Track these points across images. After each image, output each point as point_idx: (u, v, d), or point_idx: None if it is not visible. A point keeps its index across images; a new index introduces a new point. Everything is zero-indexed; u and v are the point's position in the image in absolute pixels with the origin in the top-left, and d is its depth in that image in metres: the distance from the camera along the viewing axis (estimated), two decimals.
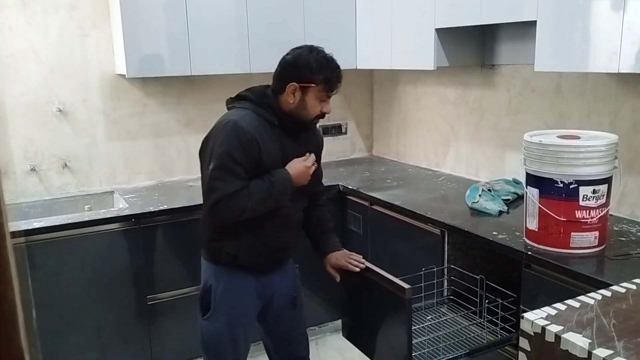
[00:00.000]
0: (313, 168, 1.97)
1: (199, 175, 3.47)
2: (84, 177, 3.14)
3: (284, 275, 2.12)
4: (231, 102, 2.01)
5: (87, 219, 2.64)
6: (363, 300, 2.16)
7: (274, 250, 2.02)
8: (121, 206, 2.88)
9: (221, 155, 1.82)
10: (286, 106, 1.92)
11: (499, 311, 2.10)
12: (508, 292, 2.11)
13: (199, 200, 2.87)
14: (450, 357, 2.00)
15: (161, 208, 2.76)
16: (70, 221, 2.58)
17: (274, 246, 2.01)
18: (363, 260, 2.09)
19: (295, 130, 1.97)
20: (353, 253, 2.13)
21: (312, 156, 1.98)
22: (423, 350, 2.03)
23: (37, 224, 2.52)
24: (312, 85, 1.88)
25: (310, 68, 1.88)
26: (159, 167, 3.33)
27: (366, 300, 2.13)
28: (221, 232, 1.95)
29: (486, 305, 2.13)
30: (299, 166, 1.93)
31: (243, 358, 2.11)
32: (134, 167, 3.26)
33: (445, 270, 2.43)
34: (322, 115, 1.96)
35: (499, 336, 2.10)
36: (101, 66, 3.09)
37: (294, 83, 1.88)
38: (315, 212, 2.18)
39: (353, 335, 2.27)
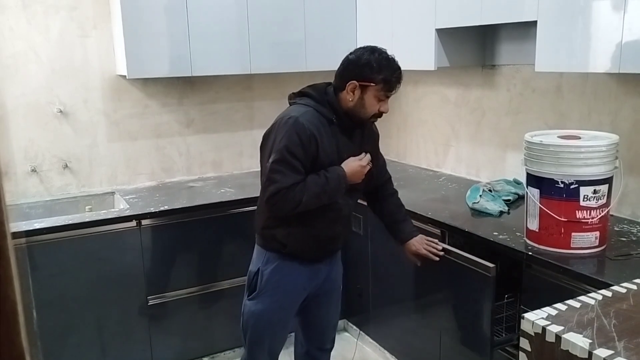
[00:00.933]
0: (367, 167, 2.04)
1: (200, 176, 3.51)
2: (84, 177, 3.14)
3: (332, 266, 2.21)
4: (293, 98, 2.08)
5: (87, 219, 2.64)
6: (441, 281, 2.27)
7: (323, 242, 2.10)
8: (122, 207, 2.88)
9: (281, 150, 1.90)
10: (345, 104, 1.98)
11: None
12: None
13: (199, 200, 2.90)
14: None
15: (162, 209, 2.77)
16: (71, 222, 2.58)
17: (322, 238, 2.09)
18: (441, 246, 2.20)
19: (351, 128, 2.04)
20: (430, 238, 2.25)
21: (368, 156, 2.06)
22: None
23: (38, 224, 2.52)
24: (372, 84, 1.94)
25: (371, 67, 1.93)
26: (159, 167, 3.33)
27: (446, 282, 2.24)
28: (274, 221, 2.03)
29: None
30: (354, 165, 2.00)
31: (279, 345, 2.20)
32: (135, 167, 3.27)
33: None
34: (379, 114, 2.02)
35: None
36: (102, 67, 3.09)
37: (354, 81, 1.95)
38: (386, 202, 2.30)
39: None
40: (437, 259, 2.17)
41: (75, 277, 2.58)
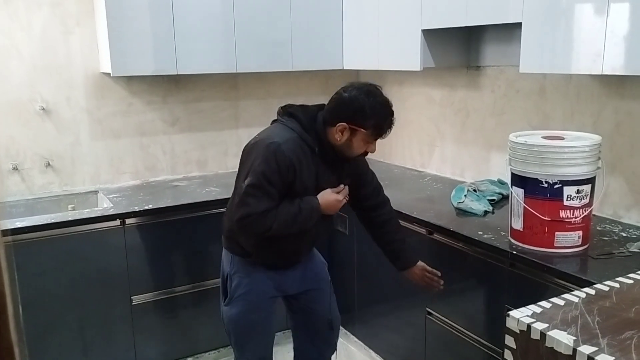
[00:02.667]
0: (344, 201, 2.02)
1: (184, 175, 3.49)
2: (67, 176, 3.10)
3: (306, 266, 2.20)
4: (282, 115, 2.03)
5: (70, 218, 2.60)
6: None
7: (287, 254, 2.11)
8: (105, 206, 2.85)
9: (258, 175, 1.88)
10: (332, 140, 1.95)
11: None
12: None
13: (184, 200, 2.88)
14: None
15: (146, 208, 2.74)
16: (53, 221, 2.55)
17: (286, 251, 2.09)
18: (441, 281, 2.20)
19: (334, 160, 2.00)
20: (430, 270, 2.22)
21: (345, 189, 2.03)
22: None
23: (19, 223, 2.48)
24: (362, 130, 1.90)
25: (363, 113, 1.88)
26: (143, 166, 3.30)
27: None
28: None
29: None
30: (330, 198, 1.99)
31: (266, 344, 2.20)
32: (119, 166, 3.23)
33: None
34: (365, 153, 2.00)
35: None
36: (85, 64, 3.06)
37: (345, 124, 1.90)
38: (382, 229, 2.23)
39: None
40: (437, 289, 2.21)
41: (58, 276, 2.54)
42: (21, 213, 2.84)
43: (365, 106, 1.88)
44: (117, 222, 2.65)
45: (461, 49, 2.96)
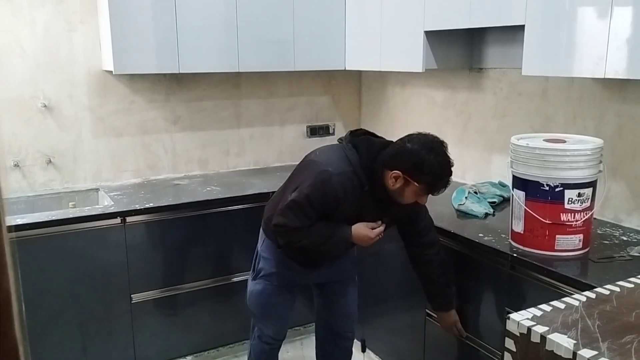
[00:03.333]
0: (376, 238, 2.05)
1: (185, 173, 3.49)
2: (68, 173, 3.10)
3: (328, 268, 2.28)
4: (347, 141, 2.05)
5: (71, 216, 2.60)
6: None
7: (313, 260, 2.22)
8: (106, 203, 2.85)
9: (303, 196, 1.96)
10: (385, 183, 1.96)
11: None
12: None
13: (185, 198, 2.88)
14: None
15: (147, 206, 2.74)
16: (54, 218, 2.54)
17: (313, 258, 2.20)
18: (463, 335, 2.26)
19: (382, 199, 2.01)
20: (457, 323, 2.26)
21: (381, 228, 2.06)
22: None
23: (20, 220, 2.48)
24: (416, 184, 1.91)
25: (420, 169, 1.89)
26: (145, 165, 3.31)
27: None
28: None
29: None
30: (362, 232, 2.03)
31: (281, 324, 2.32)
32: (120, 164, 3.23)
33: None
34: (415, 204, 2.00)
35: None
36: (88, 62, 3.06)
37: (400, 173, 1.91)
38: (425, 266, 2.24)
39: None
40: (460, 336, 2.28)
41: (58, 274, 2.54)
42: (22, 210, 2.84)
43: (425, 162, 1.88)
44: (118, 220, 2.65)
45: (464, 50, 2.96)
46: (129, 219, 2.68)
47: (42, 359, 2.53)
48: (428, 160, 1.88)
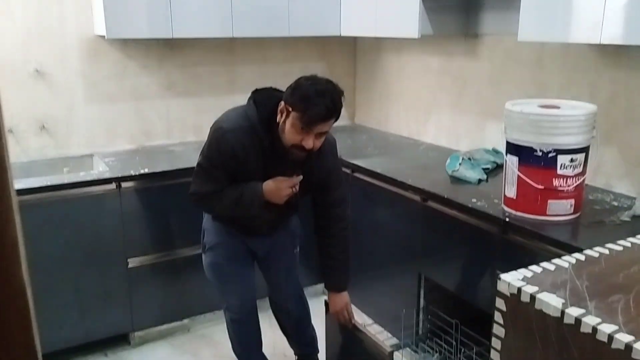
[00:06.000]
0: (288, 192, 1.99)
1: (180, 140, 3.48)
2: (62, 139, 3.09)
3: (270, 238, 2.25)
4: (250, 96, 2.01)
5: (66, 181, 2.61)
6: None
7: (248, 228, 2.19)
8: (101, 169, 2.85)
9: (204, 158, 1.99)
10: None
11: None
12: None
13: (180, 164, 2.88)
14: None
15: (142, 172, 2.74)
16: (49, 183, 2.55)
17: (246, 226, 2.17)
18: (351, 323, 2.22)
19: (285, 153, 1.94)
20: (348, 306, 2.22)
21: (294, 179, 1.99)
22: None
23: (15, 185, 2.48)
24: (292, 111, 1.84)
25: (298, 94, 1.83)
26: (139, 131, 3.29)
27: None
28: None
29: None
30: (272, 187, 1.98)
31: (244, 291, 2.29)
32: (114, 130, 3.22)
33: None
34: (301, 146, 1.87)
35: None
36: (80, 26, 3.01)
37: (282, 102, 1.88)
38: (325, 241, 2.20)
39: None
40: (344, 324, 2.24)
41: (54, 239, 2.56)
42: (16, 175, 2.84)
43: (301, 87, 1.83)
44: (113, 186, 2.66)
45: (460, 16, 2.94)
46: (124, 185, 2.68)
47: (41, 323, 2.56)
48: (306, 86, 1.82)
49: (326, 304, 2.29)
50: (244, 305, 2.30)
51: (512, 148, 2.04)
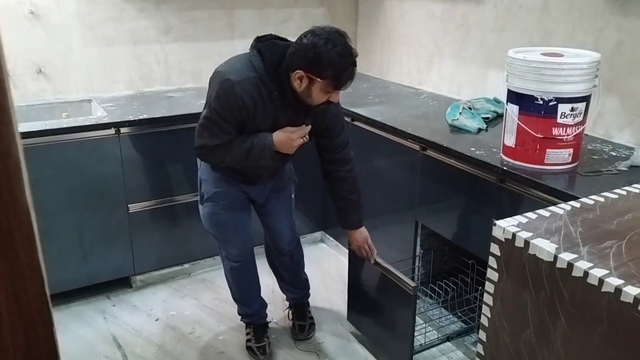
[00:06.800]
0: (299, 141, 2.01)
1: (179, 86, 3.45)
2: (60, 83, 3.06)
3: (268, 184, 2.27)
4: (253, 46, 1.98)
5: (65, 125, 2.60)
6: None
7: (248, 177, 2.19)
8: (99, 114, 2.83)
9: (212, 110, 1.93)
10: (293, 86, 1.90)
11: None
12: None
13: (178, 110, 2.87)
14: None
15: (141, 117, 2.73)
16: (48, 127, 2.54)
17: (247, 175, 2.17)
18: (375, 257, 2.30)
19: (297, 104, 1.96)
20: (368, 240, 2.31)
21: (304, 130, 2.01)
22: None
23: None
24: (319, 79, 1.84)
25: (320, 63, 1.81)
26: (137, 76, 3.26)
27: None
28: None
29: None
30: (283, 136, 1.98)
31: (242, 241, 2.31)
32: (112, 75, 3.18)
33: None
34: (328, 102, 1.94)
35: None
36: None
37: (302, 72, 1.84)
38: (338, 185, 2.25)
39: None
40: (367, 260, 2.32)
41: (54, 183, 2.57)
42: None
43: (322, 55, 1.80)
44: (112, 131, 2.65)
45: None
46: (123, 130, 2.67)
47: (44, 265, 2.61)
48: (326, 52, 1.80)
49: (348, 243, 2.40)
50: (243, 254, 2.34)
51: (513, 96, 2.03)
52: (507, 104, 2.07)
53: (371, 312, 2.43)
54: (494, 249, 1.32)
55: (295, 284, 2.58)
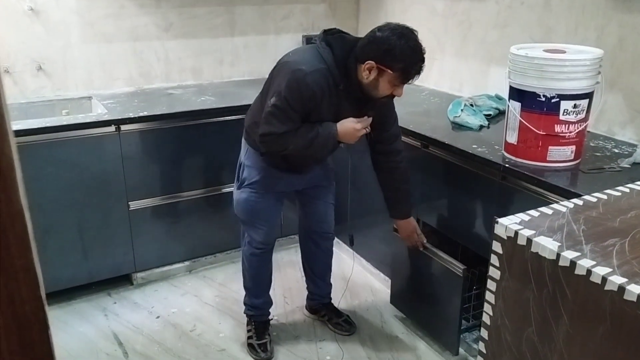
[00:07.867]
0: (362, 132, 2.06)
1: (179, 83, 3.44)
2: (59, 80, 3.05)
3: (309, 174, 2.32)
4: (320, 40, 2.03)
5: (65, 123, 2.59)
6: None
7: (296, 165, 2.23)
8: (99, 111, 2.82)
9: (282, 99, 1.95)
10: (360, 77, 1.95)
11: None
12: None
13: (179, 107, 2.86)
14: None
15: (141, 114, 2.72)
16: (48, 125, 2.53)
17: (296, 163, 2.22)
18: (422, 245, 2.38)
19: (359, 98, 2.02)
20: (417, 229, 2.37)
21: (367, 120, 2.06)
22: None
23: (13, 126, 2.46)
24: (389, 71, 1.89)
25: (392, 55, 1.88)
26: (137, 73, 3.24)
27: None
28: (258, 127, 2.08)
29: None
30: (348, 126, 2.03)
31: (268, 230, 2.37)
32: (112, 72, 3.17)
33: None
34: (392, 96, 2.00)
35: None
36: None
37: (373, 62, 1.90)
38: (390, 175, 2.30)
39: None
40: (417, 248, 2.39)
41: (55, 181, 2.56)
42: (15, 117, 2.82)
43: (396, 48, 1.87)
44: (113, 128, 2.64)
45: None
46: (123, 127, 2.67)
47: (44, 263, 2.60)
48: (400, 45, 1.87)
49: (395, 230, 2.46)
50: (267, 242, 2.39)
51: (515, 93, 2.01)
52: (509, 100, 2.06)
53: (417, 295, 2.52)
54: (496, 246, 1.31)
55: (325, 277, 2.63)
